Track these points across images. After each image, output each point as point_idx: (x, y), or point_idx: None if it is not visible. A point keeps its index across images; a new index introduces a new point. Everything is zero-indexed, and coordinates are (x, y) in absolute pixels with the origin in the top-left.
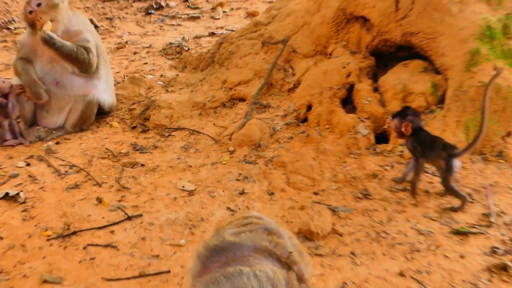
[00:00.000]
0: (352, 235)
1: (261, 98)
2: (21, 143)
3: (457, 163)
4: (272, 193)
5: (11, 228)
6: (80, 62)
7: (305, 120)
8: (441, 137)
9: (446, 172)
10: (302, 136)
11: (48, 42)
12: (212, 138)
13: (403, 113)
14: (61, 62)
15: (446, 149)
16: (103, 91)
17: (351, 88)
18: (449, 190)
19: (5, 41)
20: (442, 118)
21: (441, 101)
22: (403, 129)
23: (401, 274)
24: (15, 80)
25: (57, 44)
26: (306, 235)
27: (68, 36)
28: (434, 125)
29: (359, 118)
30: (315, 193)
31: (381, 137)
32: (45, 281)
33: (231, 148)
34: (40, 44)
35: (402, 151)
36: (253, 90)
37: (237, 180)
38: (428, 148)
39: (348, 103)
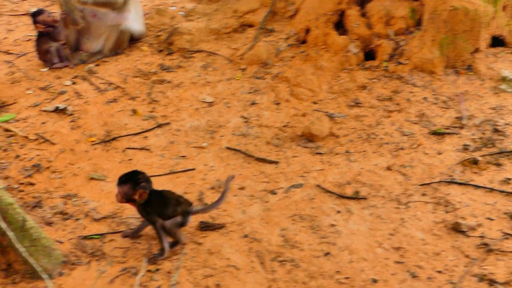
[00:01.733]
0: (347, 136)
1: (267, 24)
2: (67, 66)
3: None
4: (278, 103)
5: (62, 136)
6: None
7: (304, 41)
8: (171, 192)
9: (182, 224)
10: (302, 55)
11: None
12: (226, 58)
13: (135, 180)
14: None
15: (181, 204)
16: (134, 21)
17: (342, 14)
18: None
19: None
20: (420, 37)
21: (418, 23)
22: (136, 197)
23: (388, 168)
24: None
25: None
26: (308, 138)
27: None
28: (413, 44)
29: (349, 39)
30: (315, 102)
31: (369, 55)
32: (91, 178)
33: (243, 67)
34: None
35: (386, 66)
36: (259, 17)
37: (249, 93)
38: (163, 208)
39: (340, 27)
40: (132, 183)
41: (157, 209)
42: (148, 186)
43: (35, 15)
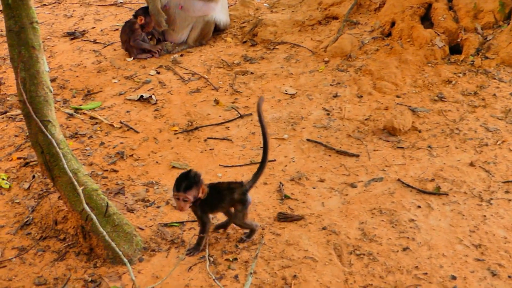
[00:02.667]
0: (429, 131)
1: (351, 16)
2: (152, 56)
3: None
4: (361, 96)
5: (145, 124)
6: None
7: (389, 34)
8: (220, 182)
9: (245, 207)
10: (387, 48)
11: None
12: (310, 50)
13: (195, 178)
14: None
15: (235, 190)
16: (219, 12)
17: (429, 7)
18: (243, 226)
19: None
20: (509, 32)
21: (507, 17)
22: (201, 195)
23: (471, 164)
24: None
25: None
26: (390, 131)
27: None
28: (501, 38)
29: (435, 32)
30: (398, 96)
31: (455, 49)
32: (173, 167)
33: (326, 59)
34: None
35: (473, 61)
36: (344, 10)
37: (331, 85)
38: (220, 201)
39: (426, 20)
40: (194, 182)
41: (215, 203)
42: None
43: (139, 13)
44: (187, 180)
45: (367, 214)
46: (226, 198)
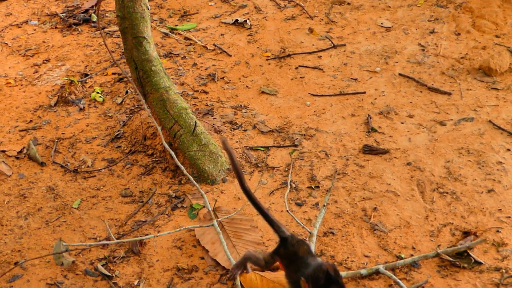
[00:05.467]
0: None
1: None
2: None
3: None
4: (459, 34)
5: (238, 48)
6: None
7: None
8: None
9: None
10: None
11: None
12: None
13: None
14: None
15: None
16: None
17: None
18: None
19: None
20: None
21: None
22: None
23: None
24: None
25: None
26: (485, 71)
27: None
28: None
29: None
30: (497, 36)
31: None
32: (262, 92)
33: None
34: None
35: None
36: None
37: (429, 20)
38: None
39: None
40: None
41: None
42: None
43: None
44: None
45: (454, 153)
46: None
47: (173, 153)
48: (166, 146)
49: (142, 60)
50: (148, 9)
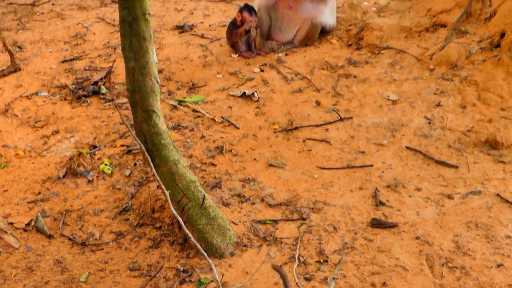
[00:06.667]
0: None
1: (460, 25)
2: (258, 54)
3: None
4: (464, 107)
5: (246, 121)
6: None
7: (497, 46)
8: None
9: None
10: (494, 59)
11: None
12: (415, 57)
13: None
14: None
15: None
16: (328, 15)
17: None
18: None
19: None
20: None
21: None
22: None
23: None
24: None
25: None
26: (492, 144)
27: None
28: None
29: None
30: (503, 109)
31: None
32: (270, 165)
33: (431, 67)
34: None
35: None
36: (453, 17)
37: (435, 94)
38: None
39: None
40: None
41: None
42: None
43: (244, 9)
44: None
45: (462, 226)
46: None
47: (180, 220)
48: (174, 212)
49: (151, 133)
50: (158, 82)
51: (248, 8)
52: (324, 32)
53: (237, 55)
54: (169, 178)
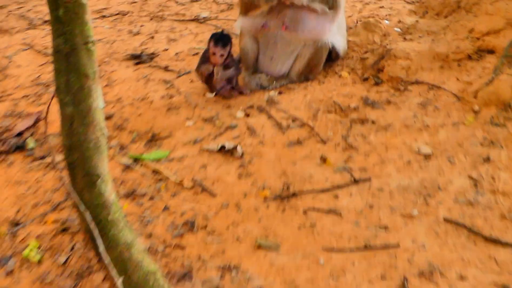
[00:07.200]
0: None
1: None
2: (241, 93)
3: None
4: None
5: (226, 185)
6: None
7: None
8: None
9: None
10: None
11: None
12: (454, 94)
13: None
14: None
15: None
16: (336, 35)
17: None
18: None
19: None
20: None
21: None
22: None
23: None
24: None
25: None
26: None
27: None
28: None
29: None
30: None
31: None
32: (259, 246)
33: (476, 107)
34: None
35: None
36: (504, 41)
37: (481, 144)
38: None
39: None
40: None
41: None
42: None
43: (218, 40)
44: None
45: None
46: None
47: None
48: None
49: (95, 205)
50: (106, 135)
51: (216, 37)
52: (330, 61)
53: (214, 94)
54: (119, 268)
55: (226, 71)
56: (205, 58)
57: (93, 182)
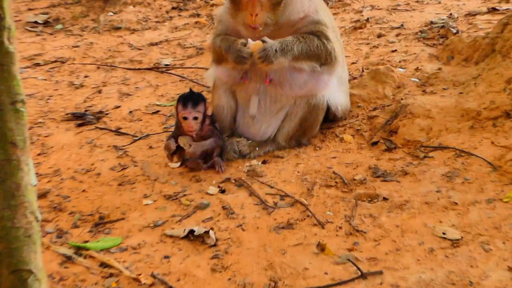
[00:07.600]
0: None
1: None
2: (213, 165)
3: None
4: None
5: (196, 282)
6: (313, 56)
7: None
8: None
9: None
10: None
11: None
12: (489, 163)
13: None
14: None
15: None
16: (336, 90)
17: None
18: None
19: (198, 15)
20: None
21: None
22: None
23: None
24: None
25: (278, 56)
26: None
27: (289, 22)
28: None
29: None
30: None
31: None
32: None
33: None
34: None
35: None
36: None
37: None
38: None
39: None
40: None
41: None
42: None
43: (186, 100)
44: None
45: None
46: None
47: None
48: None
49: None
50: (38, 220)
51: (183, 97)
52: (329, 121)
53: (179, 164)
54: None
55: (202, 142)
56: (177, 129)
57: (24, 280)
